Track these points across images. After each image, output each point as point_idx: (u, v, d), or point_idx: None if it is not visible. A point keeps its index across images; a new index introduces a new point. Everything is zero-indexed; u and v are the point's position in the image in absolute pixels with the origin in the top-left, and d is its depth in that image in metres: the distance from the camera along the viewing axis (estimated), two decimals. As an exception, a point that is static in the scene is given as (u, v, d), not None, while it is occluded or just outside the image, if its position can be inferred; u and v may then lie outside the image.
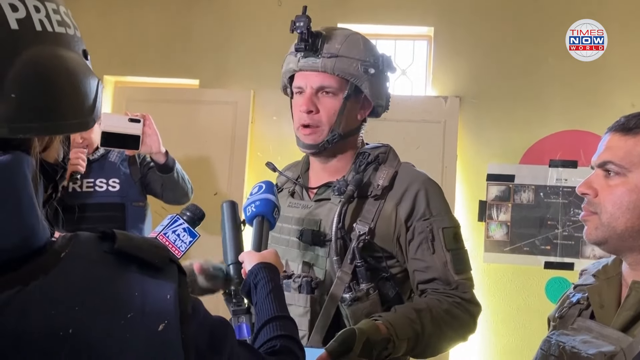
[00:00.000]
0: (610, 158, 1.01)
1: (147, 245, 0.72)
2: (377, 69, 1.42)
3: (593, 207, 1.02)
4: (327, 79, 1.40)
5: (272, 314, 1.02)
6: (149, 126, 2.29)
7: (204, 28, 3.56)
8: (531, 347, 3.48)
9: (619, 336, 0.95)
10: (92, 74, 0.72)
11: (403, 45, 3.65)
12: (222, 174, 3.42)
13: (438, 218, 1.40)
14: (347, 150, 1.48)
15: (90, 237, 0.70)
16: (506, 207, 3.27)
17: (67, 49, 0.69)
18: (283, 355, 0.94)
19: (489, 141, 3.34)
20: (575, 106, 3.27)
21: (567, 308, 1.12)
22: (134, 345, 0.64)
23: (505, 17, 3.39)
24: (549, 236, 3.20)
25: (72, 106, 0.67)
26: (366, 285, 1.34)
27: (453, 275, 1.37)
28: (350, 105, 1.43)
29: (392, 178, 1.42)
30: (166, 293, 0.69)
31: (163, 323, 0.67)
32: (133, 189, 2.60)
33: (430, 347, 1.33)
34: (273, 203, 1.32)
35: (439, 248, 1.38)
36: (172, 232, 1.29)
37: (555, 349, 1.03)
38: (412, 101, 3.38)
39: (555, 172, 3.21)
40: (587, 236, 1.05)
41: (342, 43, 1.40)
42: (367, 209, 1.40)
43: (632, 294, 0.97)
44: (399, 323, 1.26)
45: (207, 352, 0.75)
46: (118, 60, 3.55)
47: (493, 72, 3.37)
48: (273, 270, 1.14)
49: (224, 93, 3.47)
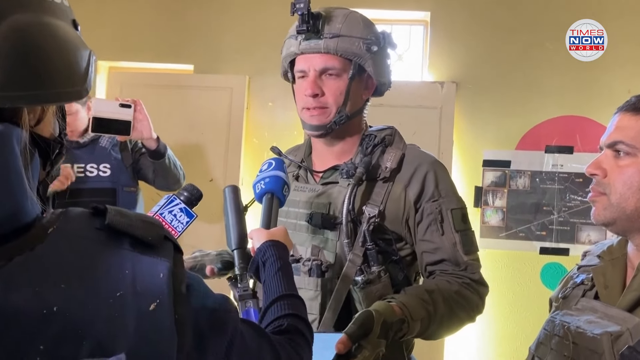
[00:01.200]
0: (620, 138, 1.00)
1: (141, 222, 0.69)
2: (379, 46, 1.40)
3: (602, 187, 1.01)
4: (330, 60, 1.38)
5: (280, 293, 1.00)
6: (140, 111, 2.27)
7: (198, 13, 3.52)
8: (526, 332, 3.51)
9: (625, 316, 0.95)
10: (83, 44, 0.69)
11: (399, 30, 3.63)
12: (218, 160, 3.40)
13: (446, 199, 1.39)
14: (352, 132, 1.47)
15: (81, 213, 0.67)
16: (502, 192, 3.27)
17: (55, 17, 0.66)
18: (290, 335, 0.92)
19: (485, 127, 3.33)
20: (572, 92, 3.26)
21: (571, 289, 1.11)
22: (123, 325, 0.61)
23: (501, 2, 3.37)
24: (545, 222, 3.21)
25: (63, 74, 0.65)
26: (377, 267, 1.34)
27: (462, 256, 1.37)
28: (355, 85, 1.41)
29: (400, 160, 1.41)
30: (159, 271, 0.66)
31: (155, 303, 0.64)
32: (124, 174, 2.60)
33: (443, 327, 1.33)
34: (283, 180, 1.30)
35: (447, 229, 1.37)
36: (169, 212, 1.27)
37: (560, 329, 1.02)
38: (408, 87, 3.37)
39: (551, 157, 3.21)
40: (595, 217, 1.04)
41: (342, 22, 1.38)
42: (376, 191, 1.39)
43: (639, 275, 0.96)
44: (413, 304, 1.26)
45: (208, 333, 0.72)
46: (112, 45, 3.51)
47: (489, 57, 3.36)
48: (282, 248, 1.13)
49: (219, 79, 3.45)
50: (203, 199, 1.39)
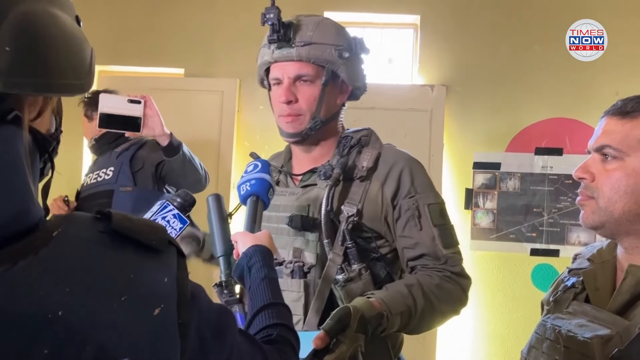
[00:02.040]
0: (607, 142, 1.01)
1: (145, 227, 0.68)
2: (351, 51, 1.43)
3: (590, 191, 1.03)
4: (303, 67, 1.41)
5: (267, 301, 1.00)
6: (150, 107, 2.21)
7: (188, 17, 3.52)
8: (517, 333, 3.53)
9: (614, 319, 0.96)
10: (86, 39, 0.69)
11: (390, 33, 3.64)
12: (209, 163, 3.38)
13: (423, 195, 1.42)
14: (329, 136, 1.50)
15: (85, 217, 0.67)
16: (492, 194, 3.29)
17: (62, 10, 0.66)
18: (280, 345, 0.93)
19: (475, 129, 3.35)
20: (561, 94, 3.29)
21: (562, 292, 1.12)
22: (127, 329, 0.61)
23: (491, 5, 3.39)
24: (535, 223, 3.23)
25: (69, 66, 0.65)
26: (358, 265, 1.36)
27: (442, 249, 1.40)
28: (329, 91, 1.44)
29: (376, 159, 1.44)
30: (164, 276, 0.66)
31: (159, 307, 0.64)
32: (125, 175, 2.60)
33: (424, 321, 1.36)
34: (268, 182, 1.31)
35: (425, 224, 1.40)
36: (162, 218, 1.26)
37: (551, 332, 1.03)
38: (398, 90, 3.38)
39: (540, 159, 3.23)
40: (584, 221, 1.05)
41: (313, 30, 1.41)
42: (353, 190, 1.42)
43: (629, 278, 0.97)
44: (392, 299, 1.29)
45: (211, 341, 0.73)
46: (102, 49, 3.48)
47: (479, 60, 3.38)
48: (267, 253, 1.13)
49: (209, 82, 3.44)
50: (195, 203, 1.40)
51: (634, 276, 0.97)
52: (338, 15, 3.53)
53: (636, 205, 0.97)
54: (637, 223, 0.98)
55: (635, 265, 0.98)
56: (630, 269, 0.98)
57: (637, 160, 0.97)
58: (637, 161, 0.97)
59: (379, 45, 3.63)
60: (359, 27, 3.64)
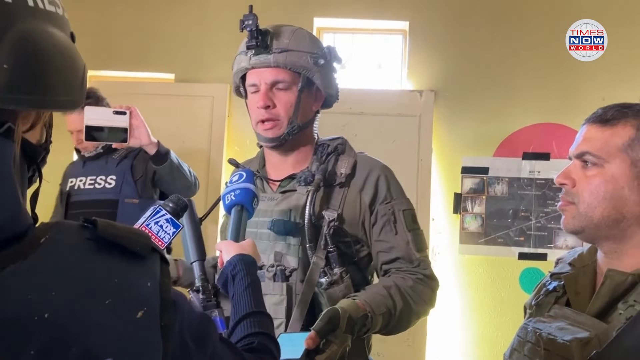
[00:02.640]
0: (587, 149, 1.04)
1: (130, 234, 0.71)
2: (326, 59, 1.48)
3: (571, 197, 1.05)
4: (280, 73, 1.45)
5: (249, 310, 1.03)
6: (136, 118, 2.24)
7: (179, 22, 3.53)
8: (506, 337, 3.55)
9: (593, 322, 0.98)
10: (80, 56, 0.72)
11: (379, 39, 3.67)
12: (200, 168, 3.39)
13: (398, 201, 1.50)
14: (304, 142, 1.54)
15: (72, 225, 0.70)
16: (481, 199, 3.32)
17: (58, 28, 0.69)
18: (261, 353, 0.95)
19: (463, 134, 3.38)
20: (548, 99, 3.33)
21: (544, 296, 1.14)
22: (111, 331, 0.63)
23: (479, 11, 3.43)
24: (523, 227, 3.26)
25: (63, 83, 0.67)
26: (339, 269, 1.41)
27: (415, 253, 1.46)
28: (304, 97, 1.49)
29: (353, 166, 1.50)
30: (146, 281, 0.69)
31: (142, 310, 0.66)
32: (129, 186, 2.61)
33: (402, 322, 1.41)
34: (253, 192, 1.33)
35: (401, 229, 1.47)
36: (155, 223, 1.27)
37: (532, 335, 1.05)
38: (387, 95, 3.41)
39: (528, 164, 3.27)
40: (564, 226, 1.07)
41: (290, 38, 1.46)
42: (333, 196, 1.47)
43: (607, 282, 0.99)
44: (374, 300, 1.35)
45: (192, 347, 0.75)
46: (92, 54, 3.50)
47: (467, 66, 3.42)
48: (251, 263, 1.15)
49: (200, 87, 3.45)
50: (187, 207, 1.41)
51: (612, 280, 0.99)
52: (328, 21, 3.56)
53: (614, 210, 0.99)
54: (616, 228, 1.00)
55: (613, 269, 1.00)
56: (609, 273, 1.00)
57: (615, 167, 1.00)
58: (615, 168, 1.00)
59: (369, 51, 3.66)
60: (348, 33, 3.67)
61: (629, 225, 0.99)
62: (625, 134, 1.00)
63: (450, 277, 3.34)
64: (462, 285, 3.34)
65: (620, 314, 0.95)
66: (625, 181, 0.99)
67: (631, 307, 0.94)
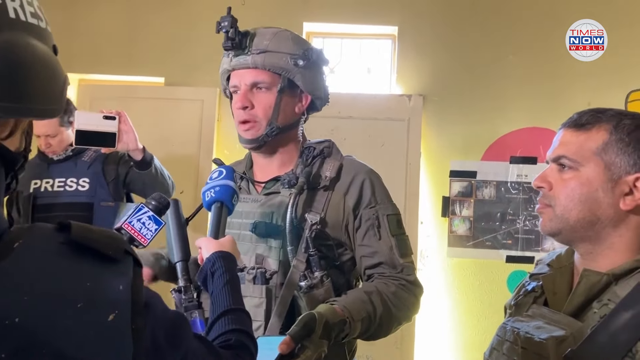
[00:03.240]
0: (563, 153, 1.06)
1: (103, 237, 0.72)
2: (308, 60, 1.47)
3: (548, 199, 1.07)
4: (259, 74, 1.45)
5: (227, 307, 1.03)
6: (125, 123, 2.25)
7: (169, 26, 3.55)
8: (493, 338, 3.52)
9: (569, 321, 1.00)
10: (60, 68, 0.74)
11: (368, 44, 3.70)
12: (189, 172, 3.41)
13: (382, 206, 1.48)
14: (288, 144, 1.53)
15: (46, 228, 0.71)
16: (469, 202, 3.35)
17: (39, 40, 0.71)
18: (237, 350, 0.95)
19: (451, 138, 3.41)
20: (535, 104, 3.37)
21: (523, 296, 1.17)
22: (83, 335, 0.65)
23: (468, 16, 3.46)
24: (510, 231, 3.29)
25: (42, 92, 0.69)
26: (320, 273, 1.39)
27: (398, 258, 1.45)
28: (286, 99, 1.47)
29: (339, 170, 1.49)
30: (119, 284, 0.70)
31: (114, 313, 0.67)
32: (103, 188, 2.60)
33: (382, 327, 1.40)
34: (232, 189, 1.33)
35: (384, 234, 1.45)
36: (137, 220, 1.29)
37: (510, 334, 1.07)
38: (377, 99, 3.43)
39: (515, 168, 3.30)
40: (542, 228, 1.09)
41: (270, 39, 1.46)
42: (317, 199, 1.46)
43: (583, 282, 1.02)
44: (354, 305, 1.33)
45: (165, 346, 0.76)
46: (82, 57, 3.51)
47: (456, 70, 3.45)
48: (231, 260, 1.16)
49: (189, 91, 3.47)
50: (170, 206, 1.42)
51: (587, 280, 1.01)
52: (317, 26, 3.59)
53: (589, 212, 1.01)
54: (591, 230, 1.02)
55: (589, 269, 1.02)
56: (584, 274, 1.02)
57: (590, 170, 1.02)
58: (590, 171, 1.02)
59: (358, 56, 3.68)
60: (338, 38, 3.69)
61: (603, 227, 1.01)
62: (599, 138, 1.03)
63: (439, 280, 3.36)
64: (450, 288, 3.36)
65: (594, 312, 0.98)
66: (599, 184, 1.01)
67: (605, 306, 0.96)
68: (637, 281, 0.95)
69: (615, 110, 1.05)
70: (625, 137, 1.01)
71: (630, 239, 1.01)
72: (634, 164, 0.99)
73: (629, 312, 0.92)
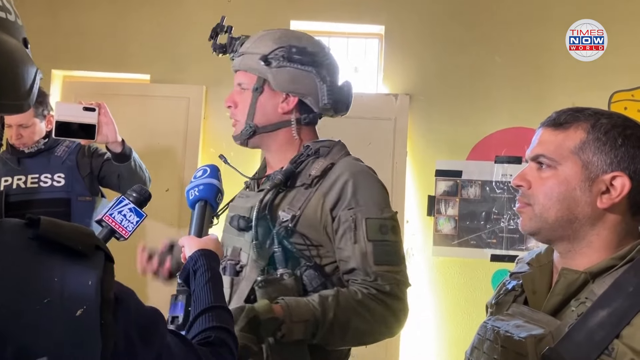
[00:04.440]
0: (542, 152, 1.06)
1: (73, 233, 0.72)
2: (281, 60, 1.46)
3: (527, 198, 1.08)
4: (240, 75, 1.52)
5: (208, 304, 1.03)
6: (105, 115, 2.22)
7: (155, 22, 3.53)
8: (477, 337, 3.53)
9: (548, 320, 1.01)
10: (31, 62, 0.73)
11: (355, 43, 3.71)
12: (175, 170, 3.40)
13: (364, 208, 1.38)
14: (282, 145, 1.52)
15: (15, 224, 0.71)
16: (454, 201, 3.36)
17: (6, 33, 0.69)
18: (216, 347, 0.95)
19: (437, 138, 3.43)
20: (520, 104, 3.39)
21: (503, 295, 1.17)
22: (49, 331, 0.65)
23: (454, 17, 3.48)
24: (495, 230, 3.32)
25: (8, 87, 0.68)
26: (282, 270, 1.35)
27: (372, 266, 1.35)
28: (263, 99, 1.49)
29: (327, 169, 1.43)
30: (88, 279, 0.69)
31: (82, 309, 0.67)
32: (79, 183, 2.56)
33: (334, 335, 1.31)
34: (217, 188, 1.33)
35: (360, 238, 1.36)
36: (118, 212, 1.28)
37: (491, 333, 1.08)
38: (363, 99, 3.43)
39: (500, 167, 3.33)
40: (522, 227, 1.10)
41: (253, 42, 1.51)
42: (297, 197, 1.43)
43: (561, 280, 1.03)
44: (297, 306, 1.27)
45: (137, 342, 0.75)
46: (66, 54, 3.48)
47: (442, 71, 3.47)
48: (213, 258, 1.15)
49: (175, 88, 3.45)
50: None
51: (566, 278, 1.02)
52: (304, 25, 3.58)
53: (567, 211, 1.02)
54: (569, 228, 1.03)
55: (567, 268, 1.03)
56: (563, 272, 1.03)
57: (568, 169, 1.03)
58: (568, 170, 1.03)
59: (345, 55, 3.69)
60: (324, 37, 3.69)
61: (581, 225, 1.02)
62: (577, 137, 1.04)
63: (424, 278, 3.38)
64: (435, 286, 3.38)
65: (572, 310, 0.98)
66: (577, 182, 1.02)
67: (582, 304, 0.97)
68: (613, 279, 0.97)
69: (593, 110, 1.06)
70: (602, 137, 1.02)
71: (607, 237, 1.02)
72: (611, 162, 1.00)
73: (605, 310, 0.93)
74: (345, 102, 1.55)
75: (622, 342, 0.90)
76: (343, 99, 1.53)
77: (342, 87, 1.54)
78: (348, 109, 1.57)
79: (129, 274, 1.20)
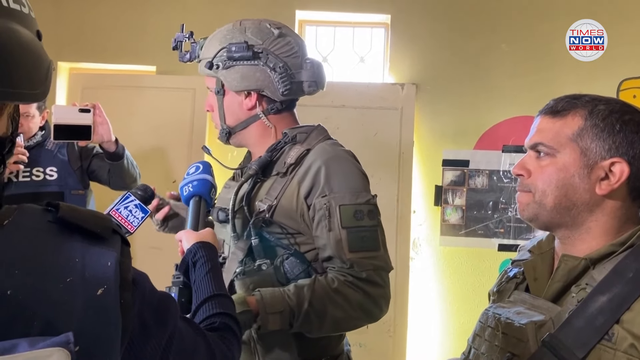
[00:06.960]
0: (540, 140, 1.06)
1: (91, 217, 0.75)
2: (226, 61, 1.45)
3: (527, 187, 1.08)
4: (206, 80, 1.54)
5: (211, 293, 1.06)
6: (100, 115, 2.28)
7: (161, 13, 3.52)
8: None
9: (548, 306, 1.01)
10: (45, 53, 0.75)
11: (361, 32, 3.69)
12: (181, 161, 3.41)
13: (337, 195, 1.36)
14: (257, 138, 1.52)
15: (35, 208, 0.73)
16: (461, 191, 3.35)
17: (22, 25, 0.71)
18: (222, 332, 0.98)
19: (444, 127, 3.42)
20: (528, 92, 3.37)
21: (505, 282, 1.17)
22: (72, 308, 0.66)
23: (460, 5, 3.45)
24: (502, 219, 3.30)
25: (25, 76, 0.70)
26: (260, 261, 1.35)
27: (346, 253, 1.34)
28: (227, 100, 1.50)
29: (302, 156, 1.42)
30: (107, 260, 0.71)
31: (102, 288, 0.69)
32: (72, 177, 2.59)
33: (312, 324, 1.31)
34: (210, 183, 1.37)
35: (334, 226, 1.35)
36: (124, 208, 1.32)
37: (492, 320, 1.08)
38: (369, 88, 3.43)
39: (507, 157, 3.31)
40: (520, 213, 1.10)
41: (205, 46, 1.53)
42: (274, 187, 1.42)
43: (561, 267, 1.02)
44: (272, 297, 1.28)
45: (152, 324, 0.78)
46: (73, 46, 3.50)
47: (448, 59, 3.44)
48: (211, 249, 1.18)
49: (181, 80, 3.45)
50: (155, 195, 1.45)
51: (566, 265, 1.01)
52: (310, 14, 3.58)
53: (566, 198, 1.02)
54: (567, 215, 1.03)
55: (567, 254, 1.03)
56: (563, 259, 1.02)
57: (566, 157, 1.02)
58: (566, 157, 1.02)
59: (351, 44, 3.67)
60: (330, 26, 3.68)
61: (579, 212, 1.02)
62: (575, 124, 1.03)
63: (431, 268, 3.38)
64: (442, 276, 3.38)
65: (572, 296, 0.98)
66: (575, 169, 1.01)
67: (583, 290, 0.97)
68: (613, 265, 0.96)
69: (590, 96, 1.05)
70: (600, 123, 1.01)
71: (606, 224, 1.02)
72: (609, 149, 1.00)
73: (605, 296, 0.93)
74: (314, 81, 1.48)
75: (622, 327, 0.90)
76: (309, 79, 1.48)
77: (305, 67, 1.48)
78: (320, 86, 1.51)
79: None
